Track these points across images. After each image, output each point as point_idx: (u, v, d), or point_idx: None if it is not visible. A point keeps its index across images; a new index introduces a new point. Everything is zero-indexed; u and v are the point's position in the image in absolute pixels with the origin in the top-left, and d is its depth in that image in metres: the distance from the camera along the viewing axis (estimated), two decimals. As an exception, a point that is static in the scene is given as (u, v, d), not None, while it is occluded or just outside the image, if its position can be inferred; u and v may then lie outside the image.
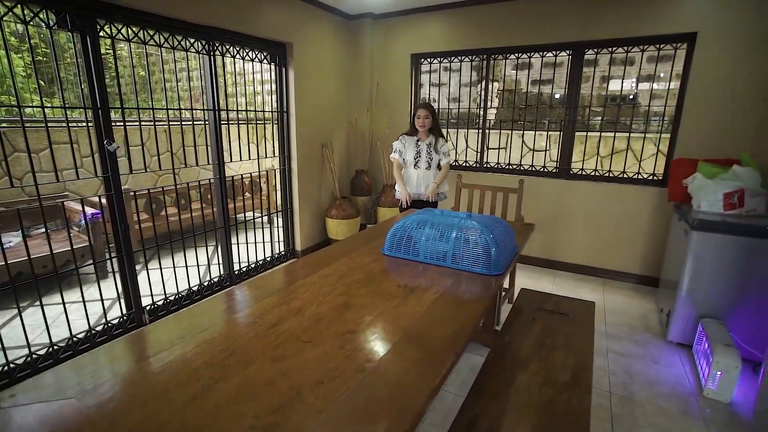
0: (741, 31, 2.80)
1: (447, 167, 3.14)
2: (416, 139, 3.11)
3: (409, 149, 3.12)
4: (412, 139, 3.13)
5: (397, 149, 3.15)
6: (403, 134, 3.18)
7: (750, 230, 2.25)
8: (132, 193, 2.61)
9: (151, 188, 2.69)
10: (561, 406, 1.41)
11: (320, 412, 0.90)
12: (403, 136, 3.16)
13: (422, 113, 3.03)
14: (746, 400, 2.06)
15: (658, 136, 3.28)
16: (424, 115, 3.03)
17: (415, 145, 3.11)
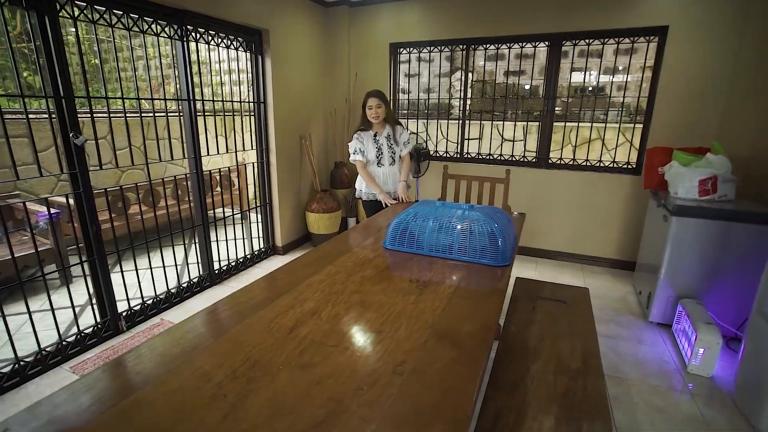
0: (709, 26, 2.94)
1: (408, 158, 2.87)
2: (373, 133, 2.81)
3: (368, 146, 2.81)
4: (368, 135, 2.81)
5: (357, 149, 2.80)
6: (357, 131, 2.84)
7: (723, 214, 2.38)
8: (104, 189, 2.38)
9: (123, 185, 2.48)
10: (578, 394, 1.43)
11: (368, 422, 0.85)
12: (359, 133, 2.82)
13: (374, 102, 2.69)
14: (726, 374, 2.20)
15: (632, 126, 3.41)
16: (375, 104, 2.69)
17: (374, 141, 2.81)
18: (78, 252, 2.25)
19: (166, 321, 2.61)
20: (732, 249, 2.39)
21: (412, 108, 4.23)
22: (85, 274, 2.28)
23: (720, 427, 1.85)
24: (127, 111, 2.66)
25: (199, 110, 2.80)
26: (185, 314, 2.72)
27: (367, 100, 2.73)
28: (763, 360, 1.82)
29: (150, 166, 4.21)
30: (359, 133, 2.84)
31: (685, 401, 2.02)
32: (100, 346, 2.34)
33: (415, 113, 4.21)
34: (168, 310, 2.74)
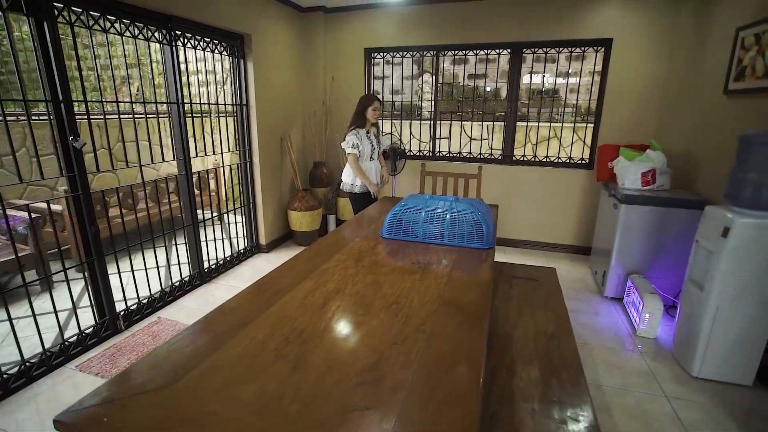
0: (646, 39, 3.39)
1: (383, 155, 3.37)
2: (366, 131, 3.17)
3: (364, 143, 3.15)
4: (363, 132, 3.15)
5: (354, 144, 3.10)
6: (355, 128, 3.13)
7: (661, 201, 2.80)
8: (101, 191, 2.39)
9: (118, 186, 2.52)
10: (555, 351, 1.72)
11: (407, 366, 1.06)
12: (357, 129, 3.13)
13: (377, 105, 3.12)
14: (666, 335, 2.60)
15: (585, 126, 3.84)
16: (378, 106, 3.13)
17: (367, 138, 3.17)
18: (78, 254, 2.28)
19: (164, 318, 2.68)
20: (669, 230, 2.81)
21: (384, 109, 4.46)
22: (85, 277, 2.32)
23: (664, 376, 2.23)
24: (112, 114, 2.68)
25: (187, 112, 2.87)
26: (180, 312, 2.80)
27: (373, 102, 3.12)
28: (694, 319, 2.21)
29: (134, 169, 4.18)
30: (357, 130, 3.14)
31: (635, 359, 2.39)
32: (102, 345, 2.38)
33: (386, 114, 4.45)
34: (163, 309, 2.80)
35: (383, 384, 0.99)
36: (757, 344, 2.09)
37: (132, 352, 2.31)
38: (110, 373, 2.14)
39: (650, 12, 3.33)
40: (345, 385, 0.99)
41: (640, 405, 2.01)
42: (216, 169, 4.31)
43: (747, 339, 2.09)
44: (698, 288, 2.20)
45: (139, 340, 2.44)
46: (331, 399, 0.94)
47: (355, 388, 0.98)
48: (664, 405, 2.01)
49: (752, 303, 2.04)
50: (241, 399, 0.94)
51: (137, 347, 2.37)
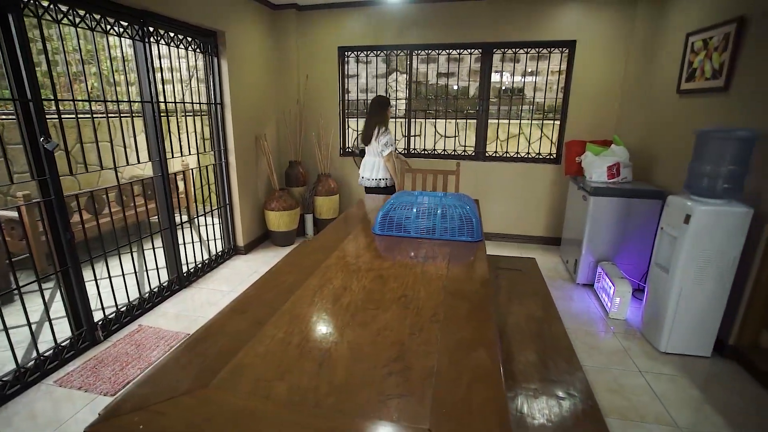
0: (605, 41, 3.63)
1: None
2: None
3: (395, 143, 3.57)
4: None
5: (393, 143, 3.45)
6: (386, 128, 3.39)
7: (626, 193, 3.02)
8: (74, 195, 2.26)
9: (93, 189, 2.38)
10: (546, 334, 1.83)
11: (430, 353, 1.11)
12: (389, 130, 3.42)
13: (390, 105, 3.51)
14: (634, 316, 2.82)
15: (552, 123, 4.05)
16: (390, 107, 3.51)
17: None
18: (53, 262, 2.15)
19: (145, 326, 2.57)
20: (633, 219, 3.04)
21: (353, 107, 4.49)
22: (60, 286, 2.19)
23: (635, 353, 2.42)
24: (82, 114, 2.54)
25: (162, 111, 2.77)
26: (162, 318, 2.70)
27: (390, 103, 3.50)
28: (660, 300, 2.42)
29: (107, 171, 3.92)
30: (389, 130, 3.42)
31: (609, 339, 2.57)
32: (81, 357, 2.26)
33: (354, 112, 4.47)
34: (143, 316, 2.69)
35: (412, 372, 1.04)
36: (714, 320, 2.32)
37: (116, 363, 2.21)
38: (95, 385, 2.04)
39: (610, 16, 3.57)
40: (375, 376, 1.02)
41: (618, 380, 2.18)
42: (184, 172, 4.16)
43: (706, 315, 2.32)
44: (664, 271, 2.41)
45: (122, 349, 2.34)
46: (364, 389, 0.98)
47: (386, 377, 1.02)
48: (638, 379, 2.19)
49: (710, 282, 2.26)
50: (276, 395, 0.95)
51: (120, 357, 2.26)
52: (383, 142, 3.34)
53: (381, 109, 3.40)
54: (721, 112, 2.55)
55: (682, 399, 2.04)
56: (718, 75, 2.58)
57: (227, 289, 3.11)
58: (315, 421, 0.88)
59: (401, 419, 0.88)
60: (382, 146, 3.35)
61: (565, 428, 1.30)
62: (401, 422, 0.87)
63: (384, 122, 3.37)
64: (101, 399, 1.97)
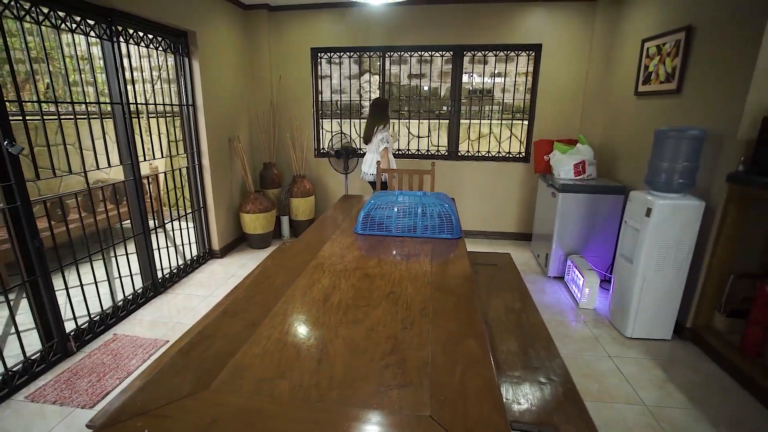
0: (569, 45, 3.81)
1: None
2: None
3: (392, 140, 3.67)
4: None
5: (390, 142, 3.63)
6: (386, 127, 3.62)
7: (592, 189, 3.20)
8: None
9: (61, 194, 2.28)
10: (525, 324, 1.93)
11: (424, 345, 1.16)
12: (387, 129, 3.63)
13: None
14: (602, 305, 2.99)
15: (521, 123, 4.21)
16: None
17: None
18: (20, 271, 2.05)
19: (121, 335, 2.49)
20: (599, 214, 3.22)
21: (326, 109, 4.49)
22: (29, 296, 2.09)
23: (604, 339, 2.57)
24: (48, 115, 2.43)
25: (133, 112, 2.68)
26: (139, 326, 2.62)
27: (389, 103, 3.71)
28: (626, 289, 2.58)
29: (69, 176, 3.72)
30: (388, 129, 3.64)
31: (580, 327, 2.72)
32: (53, 370, 2.16)
33: (327, 113, 4.48)
34: (118, 324, 2.60)
35: (408, 364, 1.08)
36: (674, 305, 2.50)
37: (92, 374, 2.14)
38: (71, 398, 1.97)
39: (572, 22, 3.75)
40: (373, 369, 1.06)
41: (590, 365, 2.31)
42: (156, 175, 4.03)
43: (666, 302, 2.50)
44: (628, 261, 2.57)
45: (98, 360, 2.25)
46: (365, 382, 1.01)
47: (383, 370, 1.06)
48: (608, 363, 2.34)
49: (669, 271, 2.44)
50: (279, 393, 0.97)
51: (97, 368, 2.19)
52: (380, 138, 3.57)
53: (380, 110, 3.62)
54: (675, 113, 2.75)
55: (647, 379, 2.19)
56: (671, 78, 2.78)
57: (205, 294, 3.05)
58: (321, 414, 0.91)
59: (403, 408, 0.92)
60: (378, 142, 3.58)
61: (548, 411, 1.38)
62: (404, 411, 0.92)
63: (383, 121, 3.60)
64: (80, 412, 1.90)
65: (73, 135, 3.12)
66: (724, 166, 2.29)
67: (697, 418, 1.93)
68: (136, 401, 0.95)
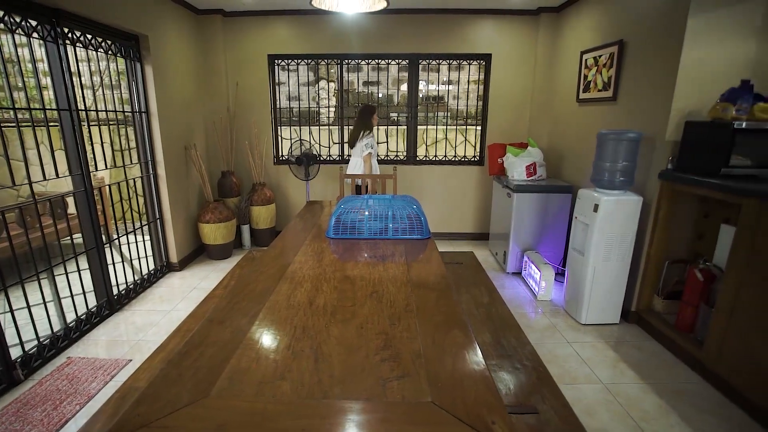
0: (516, 55, 4.08)
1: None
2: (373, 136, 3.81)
3: (376, 146, 3.76)
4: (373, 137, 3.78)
5: (372, 145, 3.72)
6: (368, 132, 3.71)
7: (543, 189, 3.44)
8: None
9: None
10: (495, 317, 2.05)
11: (413, 338, 1.22)
12: (370, 134, 3.72)
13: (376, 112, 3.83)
14: (558, 296, 3.22)
15: (475, 128, 4.43)
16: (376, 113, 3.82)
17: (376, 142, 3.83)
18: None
19: (76, 358, 2.31)
20: (550, 211, 3.47)
21: (282, 115, 4.45)
22: (-31, 320, 1.89)
23: (562, 327, 2.78)
24: None
25: (83, 119, 2.52)
26: (95, 347, 2.45)
27: (375, 111, 3.80)
28: (578, 279, 2.81)
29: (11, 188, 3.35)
30: (370, 134, 3.73)
31: (540, 318, 2.92)
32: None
33: (284, 120, 4.45)
34: (71, 347, 2.41)
35: (402, 356, 1.14)
36: (620, 292, 2.76)
37: (46, 402, 1.97)
38: (23, 431, 1.81)
39: (518, 34, 4.03)
40: (370, 364, 1.11)
41: (552, 352, 2.49)
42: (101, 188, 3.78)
43: (614, 289, 2.75)
44: (579, 254, 2.80)
45: (52, 386, 2.08)
46: (364, 377, 1.05)
47: (380, 364, 1.11)
48: (567, 348, 2.53)
49: (615, 261, 2.69)
50: (282, 395, 0.99)
51: (51, 395, 2.02)
52: (364, 143, 3.69)
53: (365, 116, 3.74)
54: (612, 118, 3.04)
55: (602, 360, 2.40)
56: (608, 87, 3.07)
57: (167, 308, 2.91)
58: (327, 410, 0.94)
59: (406, 397, 0.98)
60: (362, 147, 3.68)
61: (525, 393, 1.49)
62: (406, 399, 0.97)
63: (368, 127, 3.72)
64: (36, 443, 1.76)
65: (23, 144, 2.86)
66: (657, 165, 2.57)
67: (646, 390, 2.14)
68: (134, 415, 0.92)
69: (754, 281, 1.90)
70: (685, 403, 2.04)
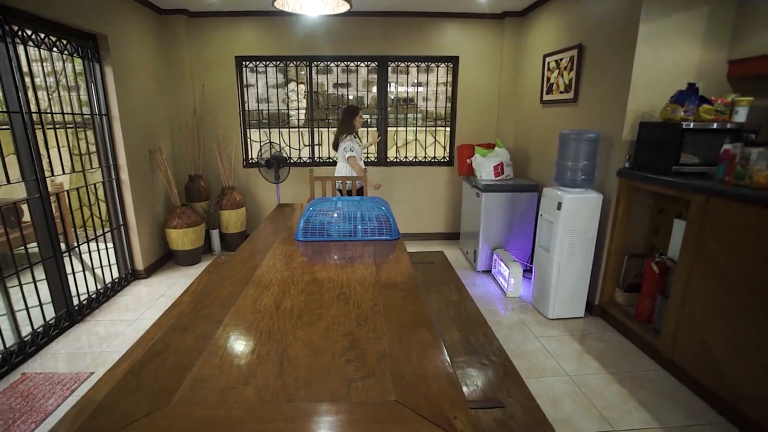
0: (482, 58, 4.18)
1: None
2: (356, 138, 3.69)
3: (357, 148, 3.64)
4: (356, 139, 3.66)
5: (353, 149, 3.58)
6: (351, 136, 3.60)
7: (510, 188, 3.53)
8: None
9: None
10: (464, 314, 2.09)
11: (380, 338, 1.24)
12: (351, 137, 3.60)
13: (360, 114, 3.69)
14: (526, 292, 3.31)
15: (444, 129, 4.50)
16: (361, 115, 3.69)
17: (359, 144, 3.70)
18: None
19: (32, 373, 2.20)
20: (518, 210, 3.56)
21: (252, 118, 4.38)
22: None
23: (530, 322, 2.86)
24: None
25: (37, 123, 2.41)
26: (53, 361, 2.34)
27: (358, 113, 3.66)
28: (545, 275, 2.90)
29: None
30: (351, 137, 3.61)
31: (509, 314, 2.99)
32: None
33: (254, 123, 4.39)
34: (26, 362, 2.29)
35: (367, 357, 1.15)
36: (584, 286, 2.86)
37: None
38: (-26, 450, 1.71)
39: (484, 37, 4.12)
40: (335, 365, 1.11)
41: (520, 347, 2.56)
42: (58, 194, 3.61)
43: (578, 284, 2.85)
44: (545, 251, 2.89)
45: (4, 405, 1.98)
46: (329, 378, 1.06)
47: (346, 365, 1.11)
48: (535, 343, 2.60)
49: (579, 256, 2.79)
50: (245, 400, 0.98)
51: (3, 414, 1.92)
52: (343, 147, 3.61)
53: (346, 118, 3.64)
54: (573, 119, 3.16)
55: (568, 353, 2.49)
56: (569, 89, 3.19)
57: (132, 318, 2.81)
58: (292, 413, 0.94)
59: (370, 397, 0.99)
60: (342, 150, 3.61)
61: (492, 388, 1.53)
62: (370, 399, 0.98)
63: (349, 129, 3.61)
64: (-12, 464, 1.67)
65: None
66: (615, 164, 2.69)
67: (608, 380, 2.23)
68: (89, 428, 0.89)
69: (703, 272, 2.02)
70: (643, 390, 2.15)
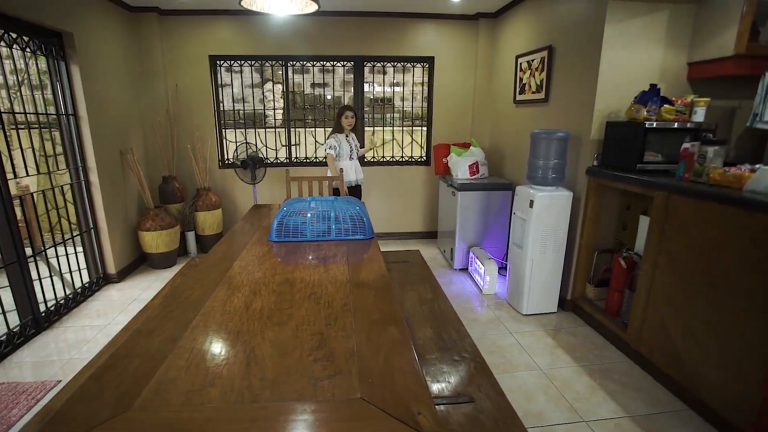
0: (457, 59, 4.23)
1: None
2: (345, 135, 3.69)
3: (343, 145, 3.66)
4: (342, 137, 3.68)
5: (332, 146, 3.63)
6: (334, 134, 3.67)
7: (485, 186, 3.59)
8: None
9: None
10: (437, 312, 2.12)
11: (349, 336, 1.25)
12: (335, 135, 3.66)
13: (350, 114, 3.64)
14: (501, 289, 3.37)
15: (421, 129, 4.53)
16: (351, 115, 3.64)
17: (346, 141, 3.69)
18: None
19: (-5, 382, 2.13)
20: (492, 208, 3.63)
21: (228, 118, 4.33)
22: None
23: (505, 319, 2.91)
24: None
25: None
26: (18, 370, 2.27)
27: (345, 112, 3.62)
28: (519, 272, 2.96)
29: None
30: (335, 135, 3.67)
31: (485, 311, 3.04)
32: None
33: (230, 123, 4.33)
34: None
35: (336, 356, 1.16)
36: (557, 282, 2.94)
37: (-41, 432, 1.81)
38: (-68, 464, 1.65)
39: (459, 38, 4.18)
40: (303, 365, 1.12)
41: (495, 342, 2.61)
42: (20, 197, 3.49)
43: (550, 280, 2.92)
44: (519, 248, 2.95)
45: (-35, 415, 1.91)
46: (295, 378, 1.06)
47: (313, 364, 1.12)
48: (510, 338, 2.66)
49: (551, 253, 2.86)
50: (211, 401, 0.98)
51: (-35, 425, 1.85)
52: (326, 144, 3.67)
53: (336, 117, 3.69)
54: (544, 119, 3.23)
55: (541, 348, 2.55)
56: (541, 89, 3.26)
57: (103, 323, 2.74)
58: (256, 413, 0.94)
59: (336, 395, 1.00)
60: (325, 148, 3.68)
61: (463, 384, 1.56)
62: (336, 397, 0.99)
63: (337, 129, 3.68)
64: (-53, 478, 1.61)
65: None
66: (584, 162, 2.77)
67: (579, 372, 2.30)
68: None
69: (665, 266, 2.10)
70: (612, 381, 2.22)
